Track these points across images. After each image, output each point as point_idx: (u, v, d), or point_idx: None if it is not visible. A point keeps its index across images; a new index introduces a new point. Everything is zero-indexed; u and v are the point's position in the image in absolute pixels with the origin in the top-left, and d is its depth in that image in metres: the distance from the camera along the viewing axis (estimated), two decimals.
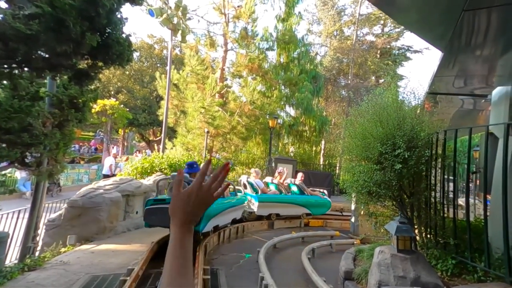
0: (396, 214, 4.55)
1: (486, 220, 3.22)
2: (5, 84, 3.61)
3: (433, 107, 5.65)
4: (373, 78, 20.29)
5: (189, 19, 13.14)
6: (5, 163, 4.34)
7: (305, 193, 8.90)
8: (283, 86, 15.27)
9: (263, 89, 14.84)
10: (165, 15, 10.71)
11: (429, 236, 4.16)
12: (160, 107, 15.08)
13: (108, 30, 3.17)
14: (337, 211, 10.08)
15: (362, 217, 7.78)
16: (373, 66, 19.23)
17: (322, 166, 16.13)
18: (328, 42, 20.22)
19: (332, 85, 19.50)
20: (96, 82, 5.05)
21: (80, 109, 4.77)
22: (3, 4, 3.13)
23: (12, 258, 5.33)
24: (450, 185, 4.54)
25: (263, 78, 14.26)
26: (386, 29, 20.58)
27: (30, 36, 2.75)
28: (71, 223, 5.82)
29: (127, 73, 24.60)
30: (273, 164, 11.10)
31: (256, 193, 8.06)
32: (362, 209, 7.75)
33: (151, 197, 5.77)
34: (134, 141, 31.39)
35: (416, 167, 3.57)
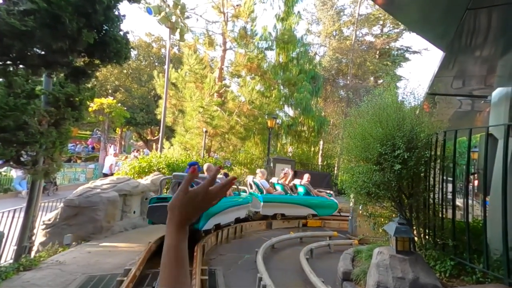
0: (395, 215, 4.54)
1: (486, 222, 3.20)
2: (0, 82, 3.55)
3: (431, 108, 5.65)
4: (372, 78, 20.30)
5: (188, 17, 13.07)
6: (0, 162, 4.28)
7: (311, 194, 8.98)
8: (282, 86, 15.24)
9: (262, 89, 14.81)
10: (163, 13, 10.63)
11: (427, 237, 4.15)
12: (158, 106, 15.02)
13: (105, 27, 3.11)
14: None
15: (360, 218, 7.78)
16: (372, 66, 19.23)
17: (320, 166, 16.11)
18: (327, 42, 20.21)
19: (331, 86, 19.49)
20: (93, 80, 5.01)
21: (76, 108, 4.71)
22: None
23: (7, 257, 5.26)
24: (448, 186, 4.54)
25: (262, 77, 14.22)
26: (385, 30, 20.61)
27: (25, 33, 2.69)
28: (67, 223, 5.77)
29: (125, 71, 24.47)
30: (271, 164, 11.07)
31: (261, 193, 8.21)
32: (361, 209, 7.76)
33: (154, 196, 6.01)
34: (131, 140, 31.27)
35: (415, 168, 3.55)
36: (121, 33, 3.31)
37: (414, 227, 4.28)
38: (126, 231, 6.72)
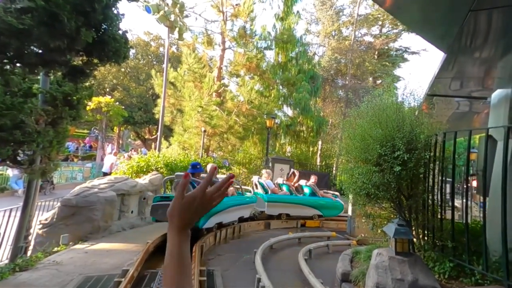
0: (394, 216, 4.54)
1: (485, 223, 3.20)
2: None
3: (430, 109, 5.65)
4: (371, 79, 20.32)
5: (186, 16, 13.00)
6: None
7: (317, 195, 9.05)
8: (281, 86, 15.22)
9: (261, 89, 14.77)
10: (162, 12, 10.57)
11: (426, 238, 4.15)
12: (156, 105, 14.94)
13: (104, 26, 3.07)
14: None
15: (358, 218, 7.79)
16: (371, 67, 19.24)
17: (319, 166, 16.11)
18: (326, 42, 20.19)
19: (329, 86, 19.48)
20: (91, 79, 4.97)
21: (74, 107, 4.66)
22: None
23: (3, 258, 5.21)
24: (446, 187, 4.54)
25: (261, 77, 14.18)
26: (384, 30, 20.63)
27: (22, 31, 2.65)
28: (64, 222, 5.71)
29: (123, 70, 24.35)
30: (270, 164, 11.05)
31: (266, 193, 8.34)
32: (359, 210, 7.77)
33: (157, 195, 6.33)
34: (129, 139, 31.14)
35: (415, 169, 3.55)
36: (120, 32, 3.28)
37: (413, 228, 4.28)
38: (123, 231, 6.68)
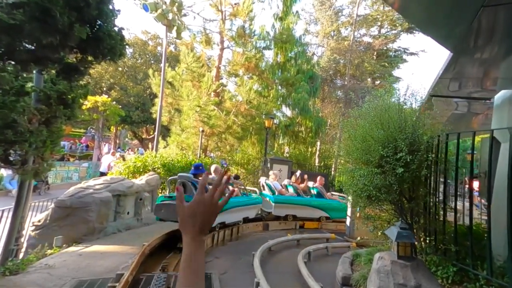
0: (394, 219, 4.47)
1: (490, 226, 3.13)
2: None
3: (429, 109, 5.58)
4: (369, 79, 20.28)
5: (185, 15, 12.86)
6: None
7: (324, 196, 9.06)
8: (280, 86, 15.12)
9: (260, 89, 14.67)
10: (159, 10, 10.43)
11: (428, 241, 4.08)
12: (153, 105, 14.79)
13: (99, 22, 2.96)
14: None
15: (358, 220, 7.72)
16: (370, 67, 19.21)
17: (317, 167, 16.04)
18: (325, 43, 20.14)
19: (328, 86, 19.42)
20: (87, 77, 4.85)
21: (69, 106, 4.54)
22: None
23: None
24: (449, 189, 4.47)
25: (260, 77, 14.08)
26: (383, 31, 20.62)
27: (13, 26, 2.54)
28: (58, 224, 5.58)
29: (120, 69, 24.16)
30: (268, 165, 10.96)
31: (273, 194, 8.42)
32: (358, 211, 7.70)
33: (162, 195, 6.59)
34: (126, 139, 30.93)
35: (418, 171, 3.47)
36: (116, 28, 3.17)
37: (414, 231, 4.20)
38: (119, 233, 6.56)
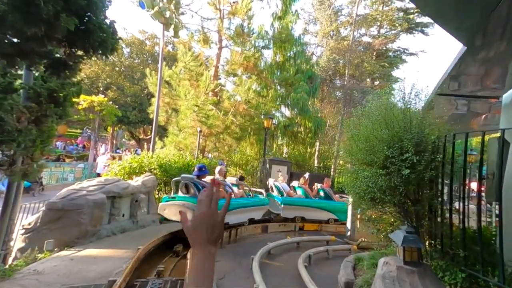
0: (397, 221, 4.33)
1: (501, 230, 2.97)
2: None
3: (431, 108, 5.43)
4: (368, 80, 20.16)
5: (182, 14, 12.65)
6: None
7: (332, 198, 9.03)
8: (279, 86, 14.97)
9: (258, 89, 14.50)
10: (156, 8, 10.22)
11: (434, 245, 3.92)
12: (150, 105, 14.59)
13: (88, 13, 2.79)
14: None
15: (359, 222, 7.58)
16: (370, 67, 19.11)
17: (316, 168, 15.90)
18: (324, 42, 20.00)
19: (327, 86, 19.29)
20: (83, 76, 4.66)
21: (60, 104, 4.35)
22: None
23: None
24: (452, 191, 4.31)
25: (259, 77, 13.90)
26: (382, 31, 20.55)
27: None
28: (49, 227, 5.37)
29: (117, 69, 23.92)
30: (267, 166, 10.79)
31: (282, 196, 8.45)
32: (359, 213, 7.56)
33: (167, 195, 6.78)
34: (123, 139, 30.66)
35: (424, 173, 3.32)
36: (107, 21, 2.99)
37: (419, 235, 4.05)
38: (114, 236, 6.36)
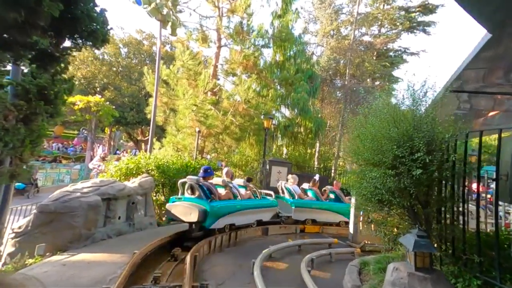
0: (405, 224, 4.14)
1: None
2: None
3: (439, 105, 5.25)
4: (369, 80, 19.97)
5: (180, 11, 12.43)
6: None
7: (343, 201, 8.95)
8: (279, 86, 14.77)
9: (258, 88, 14.29)
10: (153, 4, 10.00)
11: (445, 250, 3.73)
12: (148, 105, 14.37)
13: None
14: None
15: (362, 223, 7.39)
16: (370, 67, 18.93)
17: (317, 169, 15.69)
18: (324, 42, 19.79)
19: (328, 86, 19.09)
20: (76, 74, 4.44)
21: (51, 102, 4.12)
22: None
23: None
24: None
25: (258, 76, 13.69)
26: (383, 30, 20.37)
27: None
28: (41, 231, 5.15)
29: (114, 69, 23.67)
30: (267, 167, 10.58)
31: (293, 198, 8.42)
32: (362, 215, 7.37)
33: (173, 196, 6.79)
34: (121, 141, 30.40)
35: (437, 173, 3.13)
36: (98, 9, 2.78)
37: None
38: (109, 239, 6.14)
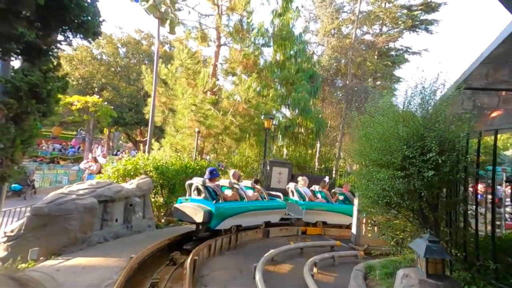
0: (410, 227, 3.98)
1: None
2: None
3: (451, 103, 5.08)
4: (370, 80, 19.79)
5: (179, 9, 12.25)
6: None
7: (353, 203, 8.78)
8: (279, 85, 14.58)
9: (258, 88, 14.10)
10: (151, 1, 9.80)
11: (456, 255, 3.56)
12: (146, 105, 14.17)
13: None
14: None
15: (365, 226, 7.24)
16: (372, 66, 18.75)
17: (317, 170, 15.52)
18: (325, 41, 19.59)
19: (329, 86, 18.90)
20: (74, 74, 4.26)
21: (43, 100, 3.95)
22: None
23: None
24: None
25: (258, 76, 13.49)
26: (385, 29, 20.18)
27: None
28: (34, 234, 4.95)
29: (113, 69, 23.48)
30: (268, 168, 10.40)
31: (304, 200, 8.43)
32: (364, 217, 7.21)
33: (181, 197, 6.95)
34: (120, 141, 30.22)
35: (450, 175, 2.96)
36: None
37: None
38: (106, 242, 5.95)
